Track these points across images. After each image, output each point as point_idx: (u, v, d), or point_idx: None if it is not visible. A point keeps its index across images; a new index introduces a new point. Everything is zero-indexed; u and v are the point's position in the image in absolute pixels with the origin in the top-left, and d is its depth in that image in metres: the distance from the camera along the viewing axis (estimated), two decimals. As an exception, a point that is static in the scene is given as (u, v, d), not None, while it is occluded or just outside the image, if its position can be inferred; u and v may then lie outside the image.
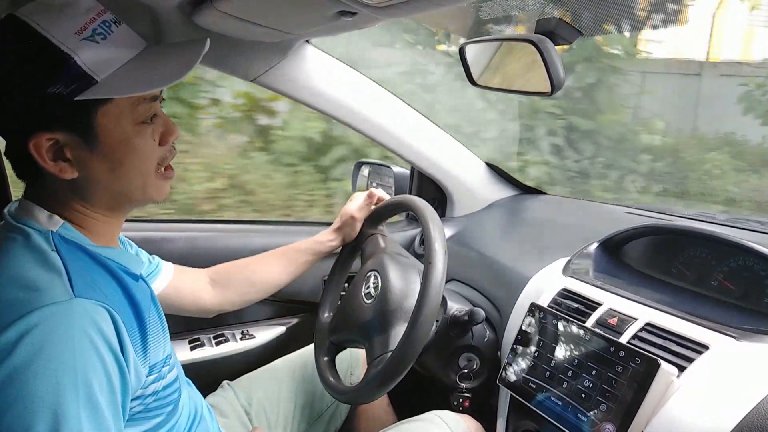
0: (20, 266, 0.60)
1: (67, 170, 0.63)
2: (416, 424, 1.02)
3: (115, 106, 0.63)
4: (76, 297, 0.58)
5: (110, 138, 0.64)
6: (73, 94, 0.60)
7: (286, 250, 1.12)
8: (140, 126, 0.66)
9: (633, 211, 1.26)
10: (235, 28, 0.97)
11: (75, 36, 0.59)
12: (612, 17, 0.94)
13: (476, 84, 1.06)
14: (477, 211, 1.54)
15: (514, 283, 1.09)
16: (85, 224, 0.68)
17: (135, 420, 0.67)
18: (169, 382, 0.73)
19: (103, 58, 0.61)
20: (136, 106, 0.64)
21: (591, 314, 0.90)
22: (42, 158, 0.61)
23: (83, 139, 0.62)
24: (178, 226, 1.43)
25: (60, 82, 0.59)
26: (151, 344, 0.68)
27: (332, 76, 1.26)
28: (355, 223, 1.12)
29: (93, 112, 0.62)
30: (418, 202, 1.01)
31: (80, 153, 0.63)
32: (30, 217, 0.65)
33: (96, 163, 0.64)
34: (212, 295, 1.06)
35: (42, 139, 0.61)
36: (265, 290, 1.10)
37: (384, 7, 0.76)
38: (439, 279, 0.86)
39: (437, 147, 1.44)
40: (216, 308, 1.07)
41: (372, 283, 1.02)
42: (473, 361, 1.06)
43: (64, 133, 0.62)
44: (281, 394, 1.12)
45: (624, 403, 0.76)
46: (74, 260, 0.62)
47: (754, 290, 0.89)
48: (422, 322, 0.84)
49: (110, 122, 0.63)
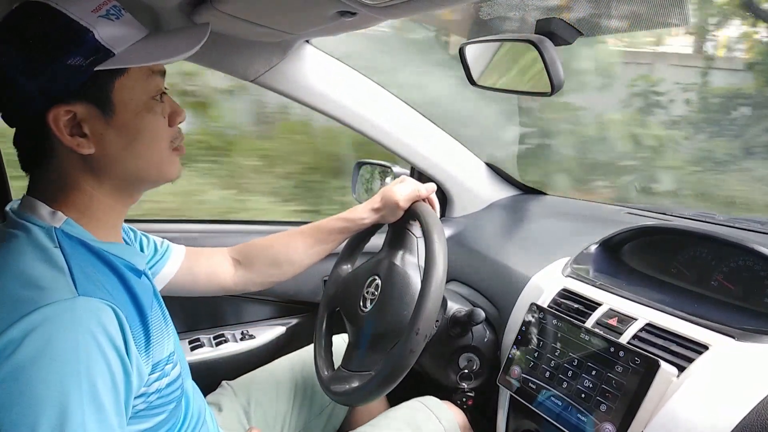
0: (23, 263, 0.60)
1: (84, 145, 0.65)
2: (401, 411, 1.05)
3: (130, 78, 0.66)
4: (80, 295, 0.58)
5: (126, 110, 0.66)
6: (92, 66, 0.63)
7: (314, 228, 1.06)
8: (152, 101, 0.69)
9: (633, 211, 1.26)
10: (234, 28, 0.97)
11: (92, 13, 0.63)
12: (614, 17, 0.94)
13: (476, 84, 1.06)
14: (477, 211, 1.54)
15: (514, 283, 1.09)
16: (90, 214, 0.68)
17: (138, 417, 0.67)
18: (172, 379, 0.73)
19: (119, 35, 0.65)
20: (148, 80, 0.68)
21: (591, 314, 0.90)
22: (60, 132, 0.63)
23: (101, 110, 0.65)
24: (178, 226, 1.43)
25: (79, 54, 0.62)
26: (154, 342, 0.68)
27: (332, 76, 1.26)
28: (398, 210, 1.03)
29: (110, 83, 0.65)
30: (417, 202, 1.01)
31: (97, 126, 0.65)
32: (33, 214, 0.65)
33: (112, 137, 0.66)
34: (234, 275, 1.04)
35: (60, 111, 0.63)
36: (290, 271, 1.06)
37: (384, 7, 0.76)
38: (439, 279, 0.86)
39: (437, 147, 1.44)
40: (238, 288, 1.05)
41: (372, 289, 1.01)
42: (473, 361, 1.06)
43: (83, 104, 0.64)
44: (280, 393, 1.12)
45: (624, 403, 0.76)
46: (77, 257, 0.63)
47: (754, 290, 0.89)
48: (422, 323, 0.84)
49: (126, 93, 0.66)
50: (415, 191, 1.02)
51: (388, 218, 1.05)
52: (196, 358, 1.28)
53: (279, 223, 1.59)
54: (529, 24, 0.85)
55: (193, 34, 0.70)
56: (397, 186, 1.03)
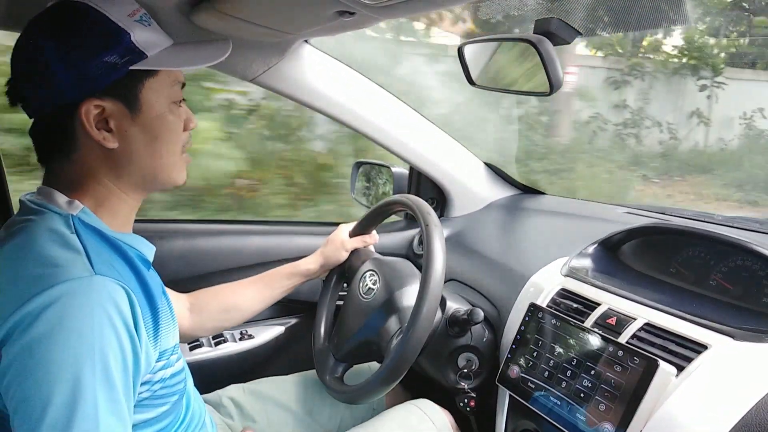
0: (41, 246, 0.62)
1: (109, 139, 0.68)
2: (395, 413, 1.06)
3: (158, 82, 0.71)
4: (96, 274, 0.60)
5: (151, 110, 0.70)
6: (127, 65, 0.67)
7: (264, 275, 1.12)
8: (173, 105, 0.73)
9: (632, 211, 1.26)
10: (233, 28, 0.97)
11: (128, 17, 0.67)
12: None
13: (475, 84, 1.06)
14: (476, 211, 1.54)
15: (513, 283, 1.09)
16: (106, 205, 0.71)
17: (142, 406, 0.68)
18: (176, 371, 0.74)
19: (152, 40, 0.69)
20: (172, 86, 0.73)
21: (590, 314, 0.90)
22: (90, 124, 0.66)
23: (128, 108, 0.68)
24: (178, 226, 1.42)
25: (116, 53, 0.66)
26: (162, 330, 0.70)
27: (331, 76, 1.26)
28: (342, 250, 1.13)
29: (140, 83, 0.69)
30: (416, 201, 1.01)
31: (123, 123, 0.69)
32: (50, 202, 0.68)
33: (135, 134, 0.70)
34: (189, 319, 1.05)
35: (91, 105, 0.66)
36: (238, 317, 1.09)
37: (383, 7, 0.76)
38: (438, 279, 0.86)
39: (436, 147, 1.44)
40: (190, 333, 1.06)
41: (369, 280, 1.03)
42: (472, 360, 1.06)
43: (112, 101, 0.67)
44: (279, 403, 1.12)
45: (623, 402, 0.76)
46: (92, 243, 0.65)
47: (753, 290, 0.89)
48: (421, 322, 0.84)
49: (153, 96, 0.70)
50: (361, 239, 1.14)
51: (335, 258, 1.13)
52: (196, 358, 1.28)
53: (279, 223, 1.59)
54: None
55: (218, 46, 0.76)
56: (339, 232, 1.15)
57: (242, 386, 1.14)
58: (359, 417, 1.14)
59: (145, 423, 0.70)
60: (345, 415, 1.14)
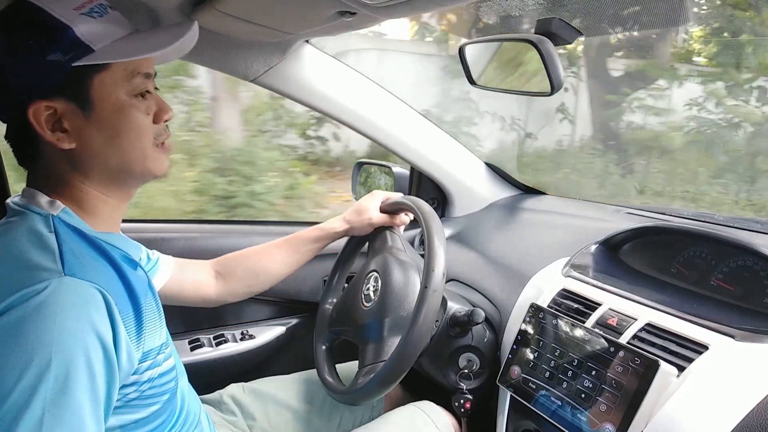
0: (18, 248, 0.61)
1: (64, 140, 0.66)
2: (398, 415, 1.05)
3: (110, 75, 0.66)
4: (66, 275, 0.59)
5: (105, 106, 0.67)
6: (71, 62, 0.63)
7: (290, 239, 1.12)
8: (134, 99, 0.69)
9: (633, 211, 1.26)
10: (234, 28, 0.97)
11: (74, 11, 0.63)
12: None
13: (476, 84, 1.06)
14: (477, 211, 1.54)
15: (514, 283, 1.09)
16: (86, 206, 0.70)
17: (130, 407, 0.67)
18: (165, 370, 0.73)
19: (99, 32, 0.65)
20: (131, 79, 0.68)
21: (591, 314, 0.90)
22: (41, 127, 0.64)
23: (80, 106, 0.65)
24: (177, 226, 1.43)
25: (58, 50, 0.62)
26: (146, 330, 0.68)
27: (331, 76, 1.26)
28: (369, 218, 1.11)
29: (89, 79, 0.65)
30: (417, 202, 1.01)
31: (77, 122, 0.66)
32: (32, 202, 0.67)
33: (92, 132, 0.67)
34: (215, 286, 1.07)
35: (41, 107, 0.64)
36: (268, 281, 1.10)
37: (384, 7, 0.76)
38: (438, 280, 0.86)
39: (437, 147, 1.44)
40: (219, 300, 1.08)
41: (372, 285, 1.02)
42: (473, 361, 1.06)
43: (62, 100, 0.65)
44: (279, 402, 1.12)
45: (623, 403, 0.76)
46: (71, 243, 0.64)
47: (754, 290, 0.89)
48: (421, 323, 0.84)
49: (105, 90, 0.66)
50: (386, 203, 1.10)
51: (360, 227, 1.12)
52: (196, 358, 1.28)
53: (279, 223, 1.59)
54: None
55: (176, 30, 0.70)
56: (368, 198, 1.12)
57: (242, 385, 1.14)
58: (359, 416, 1.14)
59: (137, 423, 0.69)
60: (345, 415, 1.14)
